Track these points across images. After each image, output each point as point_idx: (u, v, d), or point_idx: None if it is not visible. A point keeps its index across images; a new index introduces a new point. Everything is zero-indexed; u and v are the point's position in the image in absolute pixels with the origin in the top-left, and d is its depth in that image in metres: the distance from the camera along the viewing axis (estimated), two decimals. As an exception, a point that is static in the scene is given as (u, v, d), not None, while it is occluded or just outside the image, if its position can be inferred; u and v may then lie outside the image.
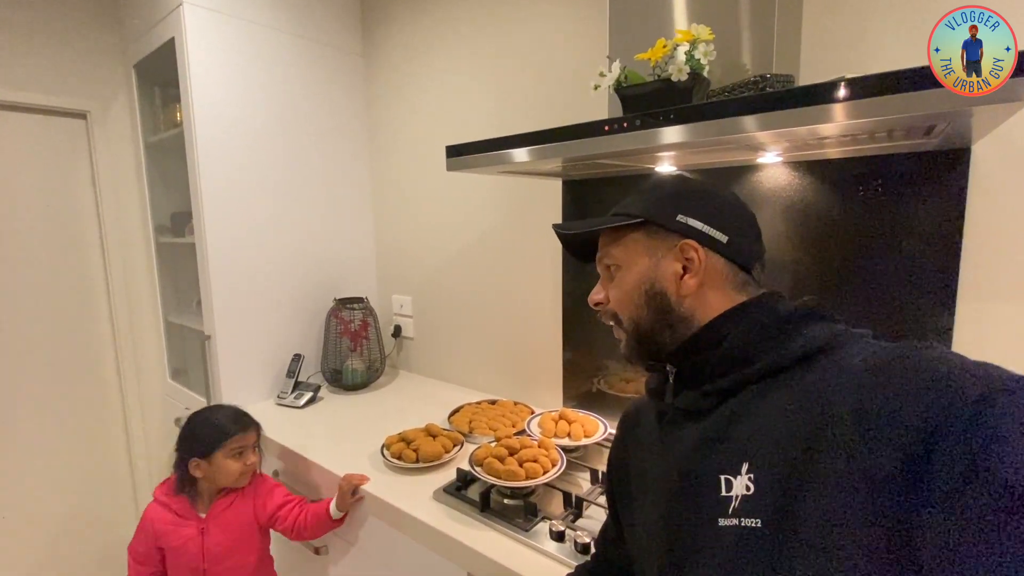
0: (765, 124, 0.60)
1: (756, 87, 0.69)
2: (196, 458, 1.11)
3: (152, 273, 1.95)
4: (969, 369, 0.39)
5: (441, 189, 1.75)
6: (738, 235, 0.56)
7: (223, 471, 1.12)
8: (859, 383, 0.42)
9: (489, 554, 0.89)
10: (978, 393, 0.36)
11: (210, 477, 1.13)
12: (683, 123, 0.69)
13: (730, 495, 0.47)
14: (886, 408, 0.39)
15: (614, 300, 0.60)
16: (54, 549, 1.84)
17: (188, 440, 1.14)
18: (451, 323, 1.81)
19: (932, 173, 0.88)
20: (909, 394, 0.39)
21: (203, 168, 1.53)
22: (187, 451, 1.12)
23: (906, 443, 0.37)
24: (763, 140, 0.74)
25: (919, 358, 0.41)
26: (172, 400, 1.96)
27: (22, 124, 1.70)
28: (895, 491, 0.37)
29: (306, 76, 1.76)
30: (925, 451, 0.36)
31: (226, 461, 1.12)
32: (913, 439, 0.37)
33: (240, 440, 1.14)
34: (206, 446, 1.11)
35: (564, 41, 1.36)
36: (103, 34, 1.81)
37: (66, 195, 1.81)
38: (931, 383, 0.38)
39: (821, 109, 0.55)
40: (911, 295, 0.92)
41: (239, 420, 1.17)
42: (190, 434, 1.14)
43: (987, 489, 0.33)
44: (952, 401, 0.37)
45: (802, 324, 0.50)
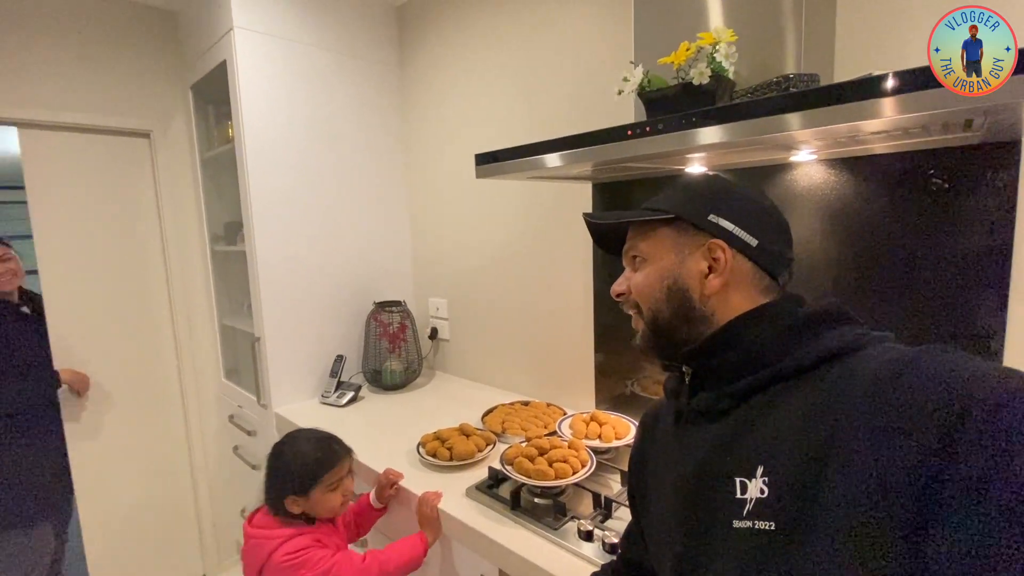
0: (780, 125, 0.60)
1: (779, 87, 0.68)
2: (292, 496, 1.01)
3: (208, 279, 2.09)
4: (985, 373, 0.38)
5: (474, 195, 1.79)
6: (768, 240, 0.56)
7: (323, 506, 1.02)
8: (874, 389, 0.42)
9: (519, 551, 0.92)
10: (994, 398, 0.35)
11: (309, 511, 1.03)
12: (703, 126, 0.69)
13: (745, 497, 0.47)
14: (899, 415, 0.39)
15: (636, 290, 0.60)
16: (128, 531, 2.00)
17: (280, 477, 1.03)
18: (485, 325, 1.85)
19: (979, 167, 0.84)
20: (923, 400, 0.38)
21: (252, 180, 1.64)
22: (281, 489, 1.01)
23: (920, 450, 0.37)
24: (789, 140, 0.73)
25: (935, 363, 0.40)
26: (227, 399, 2.09)
27: (94, 144, 1.86)
28: (909, 497, 0.37)
29: (347, 90, 1.85)
30: (940, 458, 0.36)
31: (325, 495, 1.02)
32: (927, 446, 0.37)
33: (336, 473, 1.04)
34: (301, 483, 1.01)
35: (590, 47, 1.38)
36: (164, 59, 1.96)
37: (132, 208, 1.97)
38: (946, 389, 0.38)
39: (836, 109, 0.55)
40: (959, 295, 0.88)
41: (330, 451, 1.06)
42: (283, 470, 1.03)
43: (1008, 489, 0.33)
44: (967, 406, 0.36)
45: (821, 327, 0.50)
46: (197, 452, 2.17)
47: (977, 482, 0.34)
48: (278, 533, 1.00)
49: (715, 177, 0.66)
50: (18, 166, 1.75)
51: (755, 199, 0.59)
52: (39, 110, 1.72)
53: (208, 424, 2.19)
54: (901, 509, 0.37)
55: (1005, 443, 0.34)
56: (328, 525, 1.08)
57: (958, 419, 0.36)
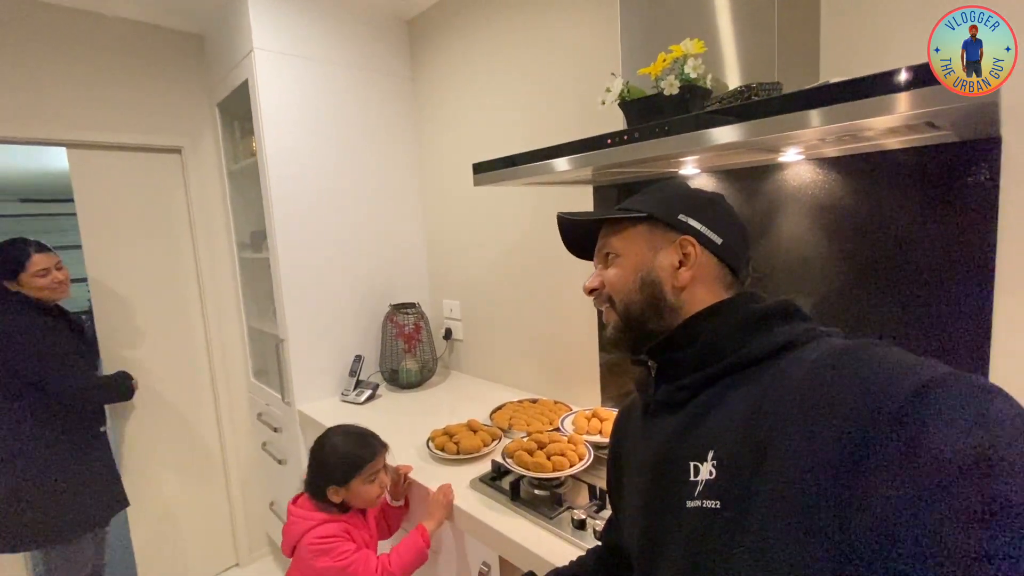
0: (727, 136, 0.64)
1: (743, 96, 0.72)
2: (334, 486, 1.11)
3: (236, 285, 2.21)
4: (908, 363, 0.41)
5: (484, 201, 1.85)
6: (731, 239, 0.61)
7: (361, 497, 1.12)
8: (810, 378, 0.45)
9: (518, 539, 0.97)
10: (913, 384, 0.39)
11: (348, 501, 1.13)
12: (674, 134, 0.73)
13: (697, 480, 0.51)
14: (828, 399, 0.43)
15: (610, 284, 0.64)
16: (168, 522, 2.14)
17: (323, 469, 1.12)
18: (497, 326, 1.90)
19: (960, 164, 0.85)
20: (850, 386, 0.42)
21: (274, 192, 1.74)
22: (323, 479, 1.11)
23: (845, 431, 0.41)
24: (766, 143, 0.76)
25: (865, 354, 0.44)
26: (255, 397, 2.21)
27: (129, 161, 2.00)
28: (837, 475, 0.40)
29: (362, 102, 1.94)
30: (863, 438, 0.39)
31: (364, 487, 1.12)
32: (851, 427, 0.40)
33: (374, 466, 1.13)
34: (342, 474, 1.11)
35: (589, 58, 1.42)
36: (192, 80, 2.09)
37: (166, 219, 2.11)
38: (871, 376, 0.41)
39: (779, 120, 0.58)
40: (944, 291, 0.89)
41: (369, 445, 1.15)
42: (326, 462, 1.12)
43: (923, 464, 0.36)
44: (889, 392, 0.40)
45: (773, 322, 0.54)
46: (229, 449, 2.29)
47: (894, 463, 0.37)
48: (315, 516, 1.10)
49: (683, 183, 0.71)
50: (67, 181, 1.90)
51: (718, 203, 0.64)
52: (84, 132, 1.86)
53: (239, 423, 2.31)
54: (829, 487, 0.40)
55: (915, 425, 0.37)
56: (359, 517, 1.16)
57: (879, 406, 0.40)
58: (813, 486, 0.41)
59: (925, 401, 0.38)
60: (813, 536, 0.41)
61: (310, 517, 1.10)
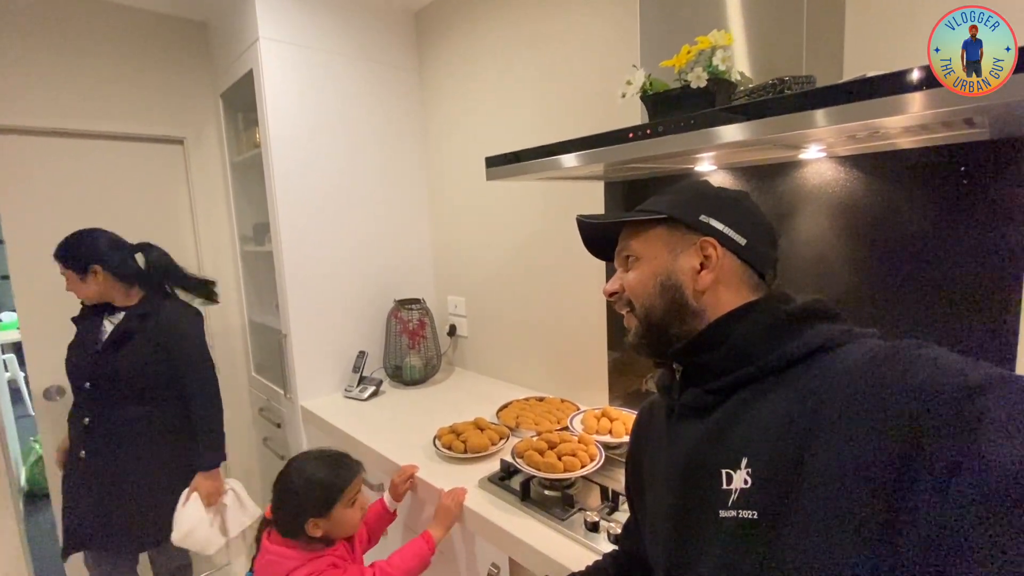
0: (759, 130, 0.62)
1: (775, 89, 0.69)
2: (313, 518, 0.97)
3: (238, 277, 2.18)
4: (957, 365, 0.39)
5: (491, 195, 1.82)
6: (756, 240, 0.58)
7: (343, 523, 1.01)
8: (850, 384, 0.44)
9: (528, 541, 0.95)
10: (964, 388, 0.37)
11: (330, 532, 1.01)
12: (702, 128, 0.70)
13: (730, 488, 0.49)
14: (873, 405, 0.41)
15: (629, 288, 0.62)
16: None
17: (296, 501, 0.99)
18: (502, 322, 1.88)
19: (991, 163, 0.83)
20: (897, 391, 0.40)
21: (278, 184, 1.71)
22: (299, 513, 0.98)
23: (893, 437, 0.39)
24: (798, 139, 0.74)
25: (911, 356, 0.42)
26: (257, 392, 2.19)
27: (131, 151, 1.97)
28: (882, 487, 0.38)
29: (367, 94, 1.91)
30: (912, 445, 0.38)
31: (345, 512, 1.01)
32: (899, 434, 0.38)
33: (353, 488, 1.03)
34: (323, 504, 0.99)
35: (601, 51, 1.39)
36: (196, 69, 2.06)
37: (168, 210, 2.08)
38: (919, 380, 0.40)
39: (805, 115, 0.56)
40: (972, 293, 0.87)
41: (345, 467, 1.05)
42: (298, 494, 0.99)
43: (975, 475, 0.34)
44: (938, 395, 0.38)
45: (805, 324, 0.52)
46: (230, 444, 2.26)
47: (944, 471, 0.35)
48: (296, 555, 0.98)
49: (704, 182, 0.68)
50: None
51: (742, 202, 0.61)
52: (84, 121, 1.83)
53: (240, 418, 2.28)
54: (874, 498, 0.39)
55: (969, 433, 0.35)
56: (344, 543, 1.06)
57: (926, 411, 0.38)
58: (858, 498, 0.40)
59: (975, 406, 0.36)
60: (858, 550, 0.39)
61: (290, 556, 0.97)
